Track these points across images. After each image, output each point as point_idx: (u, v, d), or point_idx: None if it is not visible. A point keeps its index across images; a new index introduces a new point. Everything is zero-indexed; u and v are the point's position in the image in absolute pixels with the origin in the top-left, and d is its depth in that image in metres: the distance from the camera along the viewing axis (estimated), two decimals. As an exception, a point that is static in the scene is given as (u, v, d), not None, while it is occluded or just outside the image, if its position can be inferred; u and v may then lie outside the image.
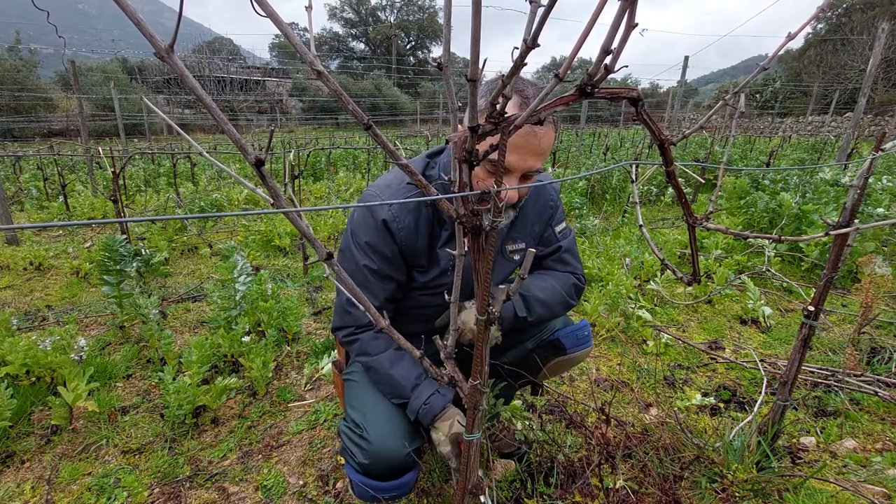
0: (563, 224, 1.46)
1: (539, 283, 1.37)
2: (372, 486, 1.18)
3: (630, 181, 5.86)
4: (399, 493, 1.23)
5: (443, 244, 1.26)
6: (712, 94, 51.53)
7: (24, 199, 6.64)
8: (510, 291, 0.77)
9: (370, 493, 1.19)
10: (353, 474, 1.20)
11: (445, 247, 1.26)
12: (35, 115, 29.74)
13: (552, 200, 1.42)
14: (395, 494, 1.22)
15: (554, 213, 1.42)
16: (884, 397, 1.90)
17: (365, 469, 1.17)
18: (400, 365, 1.22)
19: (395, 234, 1.20)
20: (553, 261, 1.45)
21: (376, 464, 1.15)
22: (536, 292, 1.33)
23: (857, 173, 1.34)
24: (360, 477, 1.18)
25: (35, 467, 1.67)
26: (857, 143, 9.91)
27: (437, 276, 1.30)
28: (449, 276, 1.30)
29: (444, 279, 1.30)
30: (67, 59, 7.80)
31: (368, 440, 1.16)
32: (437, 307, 1.36)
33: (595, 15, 0.47)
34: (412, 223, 1.21)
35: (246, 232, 4.53)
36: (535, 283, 1.36)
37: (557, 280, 1.41)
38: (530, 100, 1.07)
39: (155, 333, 2.29)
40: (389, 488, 1.19)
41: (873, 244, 3.37)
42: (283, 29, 0.49)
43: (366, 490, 1.19)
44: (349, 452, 1.20)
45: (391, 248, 1.21)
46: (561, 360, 1.43)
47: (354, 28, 66.27)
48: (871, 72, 5.82)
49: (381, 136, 0.60)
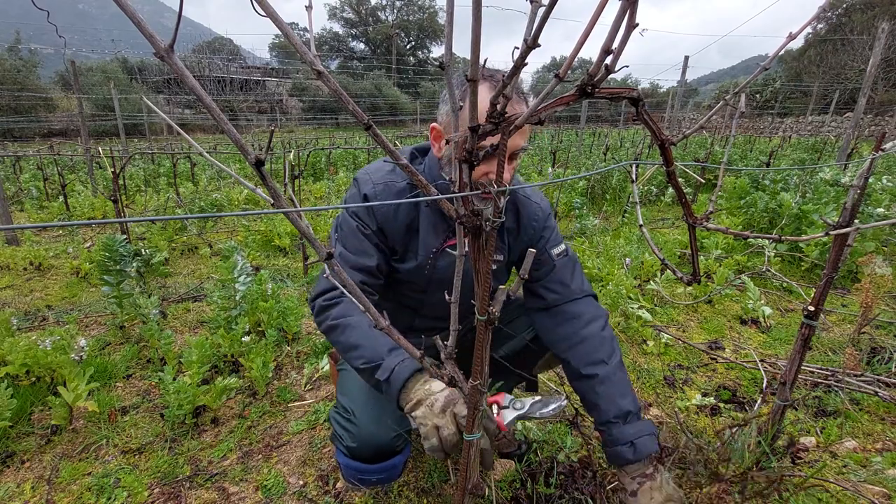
0: (560, 246, 1.40)
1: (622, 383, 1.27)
2: (359, 468, 1.21)
3: (630, 181, 5.86)
4: (387, 476, 1.26)
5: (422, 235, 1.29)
6: (712, 94, 51.52)
7: (24, 199, 6.64)
8: (510, 292, 0.77)
9: (358, 476, 1.23)
10: (341, 458, 1.23)
11: (424, 239, 1.29)
12: (35, 115, 29.74)
13: (536, 220, 1.37)
14: (383, 477, 1.26)
15: (545, 235, 1.38)
16: (884, 397, 1.90)
17: (353, 452, 1.20)
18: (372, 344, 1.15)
19: (375, 210, 1.26)
20: (550, 283, 1.37)
21: (364, 447, 1.18)
22: (631, 394, 1.25)
23: (857, 173, 1.34)
24: (348, 460, 1.21)
25: (35, 467, 1.67)
26: (857, 143, 9.91)
27: (415, 271, 1.32)
28: (424, 275, 1.33)
29: (421, 275, 1.32)
30: (67, 59, 7.80)
31: (356, 424, 1.20)
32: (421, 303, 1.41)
33: (595, 15, 0.47)
34: (391, 205, 1.26)
35: (246, 232, 4.52)
36: (620, 390, 1.25)
37: (615, 347, 1.32)
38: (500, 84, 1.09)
39: (155, 333, 2.29)
40: (377, 471, 1.22)
41: (873, 244, 3.37)
42: (283, 29, 0.49)
43: (353, 473, 1.22)
44: (338, 437, 1.23)
45: (372, 220, 1.27)
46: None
47: (354, 28, 66.26)
48: (871, 72, 5.82)
49: (381, 136, 0.60)
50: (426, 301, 1.42)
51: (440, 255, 1.31)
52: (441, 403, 1.01)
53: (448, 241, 1.31)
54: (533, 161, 9.41)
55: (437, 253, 1.31)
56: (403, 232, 1.29)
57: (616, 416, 1.21)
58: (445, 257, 1.31)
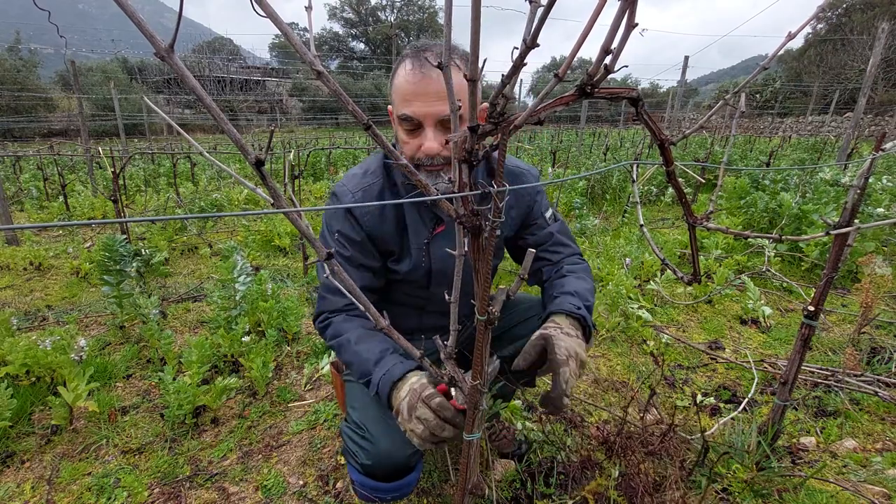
0: (550, 211, 1.43)
1: (584, 285, 1.30)
2: (374, 487, 1.17)
3: (630, 181, 5.86)
4: (401, 493, 1.22)
5: (411, 229, 1.28)
6: (712, 94, 51.52)
7: (24, 199, 6.64)
8: (510, 292, 0.77)
9: (372, 495, 1.18)
10: (354, 475, 1.18)
11: (414, 232, 1.28)
12: (35, 115, 29.76)
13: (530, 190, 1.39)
14: (397, 495, 1.21)
15: (538, 199, 1.40)
16: (884, 397, 1.90)
17: (367, 470, 1.15)
18: (367, 342, 1.17)
19: (360, 219, 1.24)
20: (551, 246, 1.41)
21: (379, 465, 1.14)
22: (588, 296, 1.26)
23: (857, 173, 1.34)
24: (363, 478, 1.17)
25: (35, 467, 1.67)
26: (857, 143, 9.91)
27: (412, 270, 1.31)
28: (423, 269, 1.31)
29: (419, 273, 1.32)
30: (67, 59, 7.81)
31: (371, 441, 1.15)
32: (426, 299, 1.40)
33: (595, 15, 0.47)
34: (376, 209, 1.24)
35: (246, 232, 4.52)
36: (581, 286, 1.28)
37: (586, 274, 1.36)
38: (424, 52, 1.09)
39: (155, 333, 2.29)
40: (391, 489, 1.18)
41: (873, 244, 3.37)
42: (283, 29, 0.49)
43: (368, 492, 1.18)
44: (351, 453, 1.18)
45: (359, 234, 1.25)
46: None
47: (354, 28, 66.27)
48: (871, 72, 5.82)
49: (380, 136, 0.60)
50: (430, 297, 1.39)
51: (433, 244, 1.30)
52: (406, 409, 1.00)
53: (437, 228, 1.30)
54: (533, 161, 9.41)
55: (429, 243, 1.29)
56: (394, 231, 1.28)
57: (566, 292, 1.22)
58: (438, 245, 1.30)
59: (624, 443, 1.42)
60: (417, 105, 1.08)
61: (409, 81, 1.08)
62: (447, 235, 1.30)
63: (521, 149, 11.02)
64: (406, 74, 1.09)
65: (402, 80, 1.10)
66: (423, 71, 1.07)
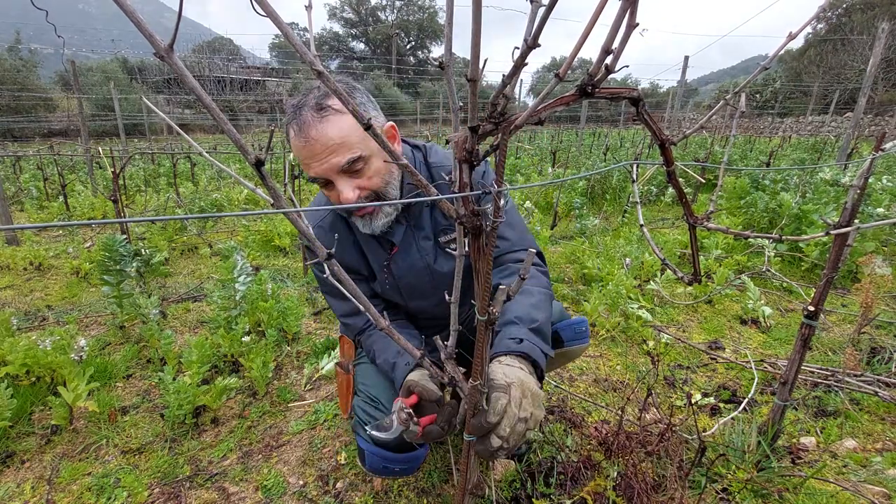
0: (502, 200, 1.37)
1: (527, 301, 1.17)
2: (385, 456, 1.22)
3: (630, 181, 5.86)
4: (409, 466, 1.27)
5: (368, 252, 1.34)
6: (712, 94, 51.52)
7: (24, 199, 6.64)
8: (510, 291, 0.77)
9: (383, 464, 1.23)
10: (366, 446, 1.24)
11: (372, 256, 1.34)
12: (35, 115, 29.75)
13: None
14: (406, 467, 1.26)
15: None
16: (884, 397, 1.90)
17: (378, 440, 1.19)
18: (384, 354, 1.29)
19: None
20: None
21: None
22: (534, 313, 1.14)
23: (857, 173, 1.34)
24: (374, 447, 1.22)
25: (35, 467, 1.67)
26: (857, 143, 9.91)
27: (386, 290, 1.39)
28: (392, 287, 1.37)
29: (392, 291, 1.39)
30: (67, 59, 7.80)
31: (383, 411, 1.24)
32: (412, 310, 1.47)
33: (595, 15, 0.47)
34: (323, 230, 1.34)
35: (246, 232, 4.52)
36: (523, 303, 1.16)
37: (533, 280, 1.25)
38: (300, 112, 1.08)
39: (155, 333, 2.29)
40: (401, 460, 1.23)
41: (873, 244, 3.37)
42: (283, 29, 0.49)
43: (379, 461, 1.22)
44: (363, 424, 1.25)
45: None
46: (558, 352, 1.42)
47: (354, 28, 66.27)
48: (871, 72, 5.82)
49: (380, 136, 0.60)
50: (411, 308, 1.46)
51: (392, 264, 1.35)
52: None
53: (392, 250, 1.34)
54: (533, 161, 9.41)
55: (388, 264, 1.35)
56: (357, 256, 1.36)
57: (507, 321, 1.11)
58: (398, 265, 1.34)
59: (622, 443, 1.42)
60: (315, 167, 1.11)
61: (298, 147, 1.11)
62: (403, 254, 1.34)
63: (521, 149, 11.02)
64: (294, 141, 1.12)
65: (294, 147, 1.13)
66: (304, 135, 1.08)
